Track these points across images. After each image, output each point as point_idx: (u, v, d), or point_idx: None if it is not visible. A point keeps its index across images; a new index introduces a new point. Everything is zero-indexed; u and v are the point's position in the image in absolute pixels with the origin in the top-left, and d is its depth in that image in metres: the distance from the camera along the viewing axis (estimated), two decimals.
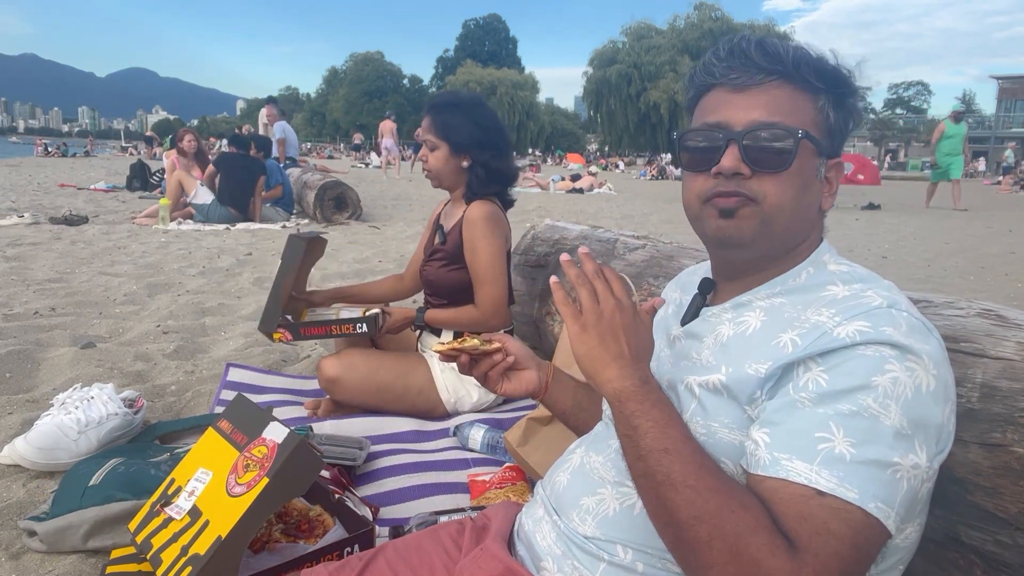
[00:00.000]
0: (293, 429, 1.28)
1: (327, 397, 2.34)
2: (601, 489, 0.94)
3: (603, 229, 2.80)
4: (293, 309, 2.34)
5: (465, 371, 1.06)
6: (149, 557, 1.26)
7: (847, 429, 0.72)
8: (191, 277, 4.61)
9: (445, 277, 2.33)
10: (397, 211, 9.52)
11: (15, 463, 1.87)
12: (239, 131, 12.58)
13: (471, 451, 2.11)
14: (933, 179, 12.86)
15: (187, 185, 7.44)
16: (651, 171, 27.45)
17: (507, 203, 2.37)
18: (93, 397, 1.98)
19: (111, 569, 1.36)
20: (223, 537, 1.18)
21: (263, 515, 1.23)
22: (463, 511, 1.59)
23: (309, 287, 2.45)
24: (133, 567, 1.36)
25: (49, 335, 3.04)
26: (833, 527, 0.70)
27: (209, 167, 7.59)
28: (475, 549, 1.02)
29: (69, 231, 6.49)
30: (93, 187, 11.29)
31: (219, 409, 2.30)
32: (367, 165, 26.17)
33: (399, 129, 17.25)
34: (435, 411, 2.33)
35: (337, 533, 1.42)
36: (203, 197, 7.36)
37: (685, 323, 0.98)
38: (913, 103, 66.95)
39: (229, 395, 2.33)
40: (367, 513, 1.53)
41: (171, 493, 1.35)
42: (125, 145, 45.31)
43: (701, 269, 1.09)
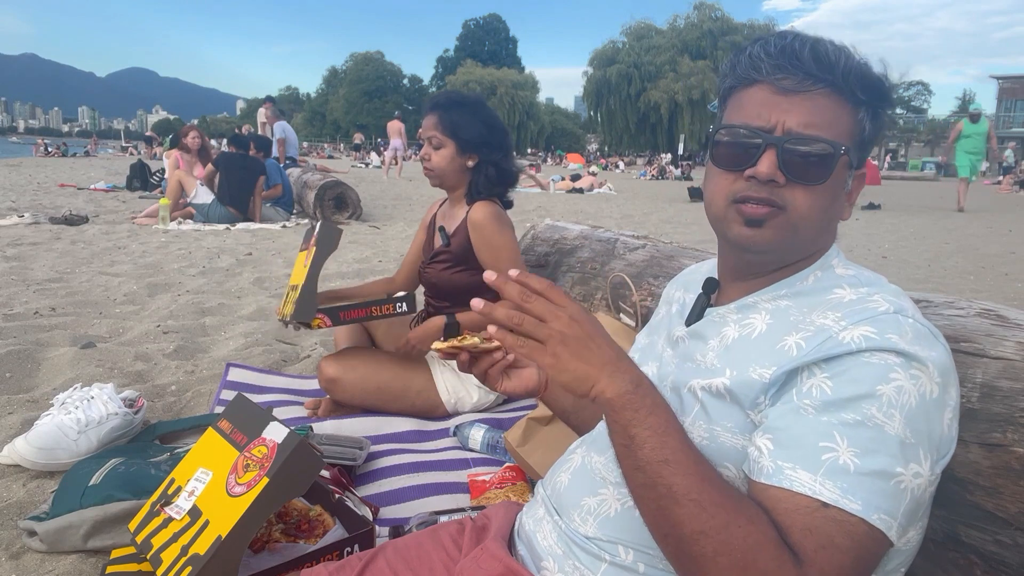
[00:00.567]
0: (293, 429, 1.28)
1: (327, 397, 2.33)
2: (602, 489, 0.94)
3: (603, 229, 2.80)
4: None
5: (465, 369, 1.06)
6: (149, 557, 1.26)
7: (851, 439, 0.72)
8: (191, 277, 4.61)
9: (450, 279, 2.31)
10: (397, 211, 9.52)
11: (15, 463, 1.87)
12: (239, 131, 12.57)
13: (471, 451, 2.11)
14: (963, 175, 11.97)
15: (187, 185, 7.44)
16: (651, 171, 27.45)
17: (506, 205, 2.35)
18: (93, 397, 1.98)
19: (111, 569, 1.36)
20: (223, 537, 1.18)
21: (263, 515, 1.23)
22: (463, 511, 1.59)
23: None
24: (133, 567, 1.35)
25: (49, 335, 3.04)
26: (838, 540, 0.69)
27: (208, 166, 7.58)
28: (475, 549, 1.02)
29: (69, 231, 6.49)
30: (93, 187, 11.29)
31: (219, 409, 2.30)
32: (367, 165, 26.21)
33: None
34: (435, 411, 2.33)
35: (337, 533, 1.42)
36: (203, 197, 7.36)
37: (690, 324, 0.97)
38: (913, 103, 66.90)
39: (229, 395, 2.33)
40: (367, 513, 1.53)
41: (171, 493, 1.35)
42: (125, 145, 45.28)
43: (704, 268, 1.08)
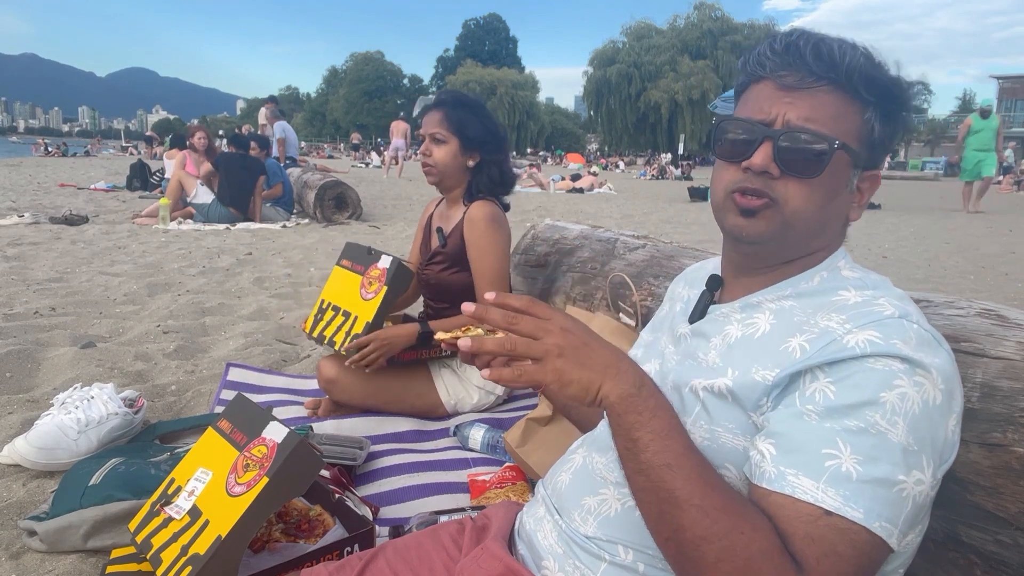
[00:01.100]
0: (293, 429, 1.28)
1: (327, 397, 2.33)
2: (603, 489, 0.94)
3: (603, 229, 2.80)
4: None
5: (468, 360, 1.06)
6: (149, 557, 1.26)
7: (854, 446, 0.72)
8: (191, 277, 4.60)
9: (448, 280, 2.31)
10: (397, 211, 9.52)
11: (15, 463, 1.87)
12: (239, 131, 12.56)
13: (471, 451, 2.11)
14: (964, 179, 11.66)
15: (187, 185, 7.44)
16: (651, 171, 27.45)
17: (504, 207, 2.35)
18: (93, 397, 1.98)
19: (111, 569, 1.36)
20: (223, 537, 1.18)
21: (263, 515, 1.23)
22: (463, 511, 1.60)
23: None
24: (133, 567, 1.36)
25: (49, 335, 3.04)
26: (840, 548, 0.69)
27: (206, 166, 7.57)
28: (475, 549, 1.02)
29: (69, 231, 6.49)
30: (93, 187, 11.29)
31: (219, 409, 2.30)
32: (367, 165, 26.23)
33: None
34: (435, 412, 2.33)
35: (337, 533, 1.42)
36: (203, 197, 7.35)
37: (693, 321, 0.97)
38: (913, 103, 66.84)
39: (229, 395, 2.33)
40: (367, 513, 1.53)
41: (171, 493, 1.35)
42: (125, 145, 45.26)
43: (709, 265, 1.08)
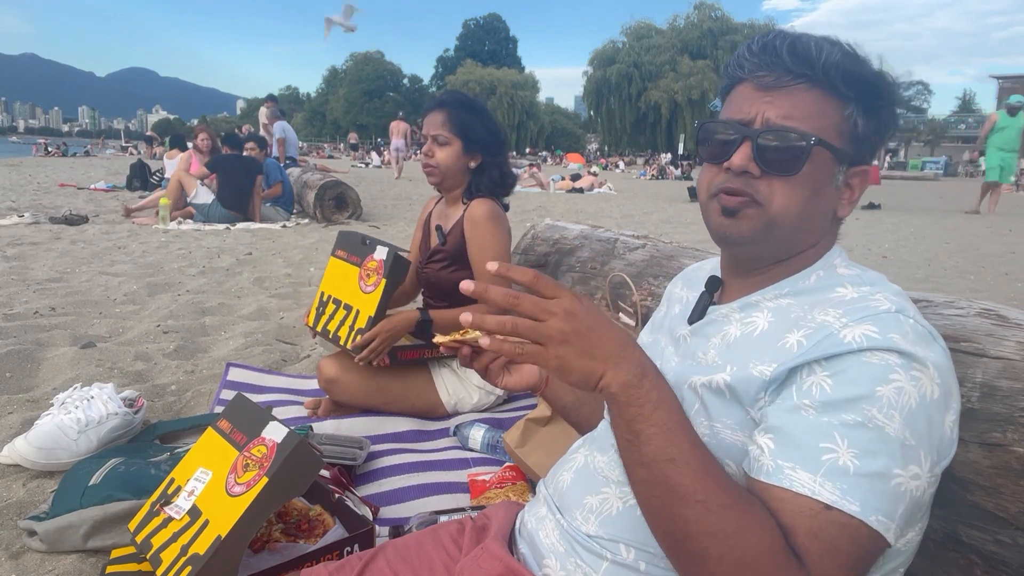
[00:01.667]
0: (293, 429, 1.28)
1: (327, 397, 2.33)
2: (605, 488, 0.94)
3: (603, 229, 2.80)
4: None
5: (466, 363, 1.06)
6: (149, 557, 1.26)
7: (851, 440, 0.72)
8: (191, 277, 4.60)
9: (448, 278, 2.31)
10: (397, 211, 9.52)
11: (15, 463, 1.87)
12: (239, 131, 12.55)
13: (471, 451, 2.11)
14: (989, 179, 11.17)
15: (187, 185, 7.44)
16: (651, 171, 27.46)
17: (504, 207, 2.36)
18: (93, 397, 1.98)
19: (111, 569, 1.36)
20: (223, 537, 1.18)
21: (263, 515, 1.23)
22: (463, 511, 1.59)
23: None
24: (133, 567, 1.35)
25: (49, 335, 3.04)
26: (841, 543, 0.70)
27: (201, 169, 7.56)
28: (475, 548, 1.02)
29: (69, 231, 6.49)
30: (93, 187, 11.28)
31: (219, 409, 2.30)
32: (367, 165, 26.26)
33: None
34: (435, 412, 2.33)
35: (337, 533, 1.42)
36: (203, 197, 7.35)
37: (692, 322, 0.97)
38: (913, 103, 66.95)
39: (229, 395, 2.33)
40: (367, 513, 1.53)
41: (171, 493, 1.35)
42: (125, 144, 45.25)
43: (707, 265, 1.08)
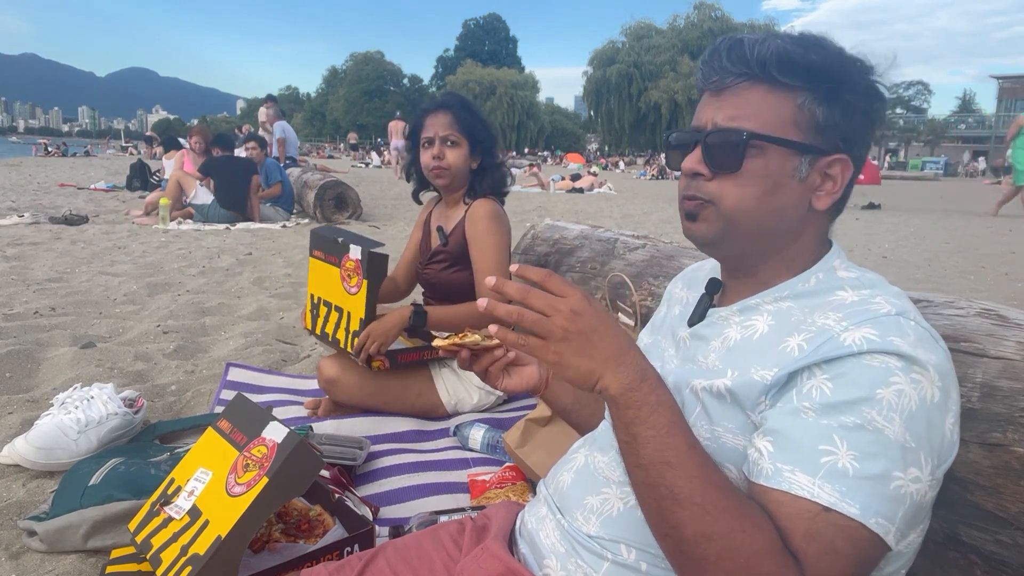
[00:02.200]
0: (293, 429, 1.28)
1: (327, 397, 2.34)
2: (605, 489, 0.94)
3: (603, 229, 2.80)
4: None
5: (465, 366, 1.05)
6: (149, 557, 1.26)
7: (851, 442, 0.71)
8: (191, 277, 4.61)
9: (449, 279, 2.32)
10: (397, 211, 9.53)
11: (15, 463, 1.87)
12: (239, 131, 12.54)
13: (471, 451, 2.11)
14: (1019, 181, 10.62)
15: (186, 185, 7.44)
16: (651, 171, 27.45)
17: (502, 203, 2.39)
18: (93, 397, 1.98)
19: (111, 569, 1.36)
20: (223, 537, 1.18)
21: (263, 515, 1.23)
22: (463, 511, 1.59)
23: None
24: (133, 567, 1.35)
25: (49, 335, 3.04)
26: (839, 545, 0.70)
27: (195, 172, 7.55)
28: (475, 549, 1.02)
29: (69, 231, 6.49)
30: (93, 187, 11.29)
31: (219, 409, 2.30)
32: (367, 165, 26.27)
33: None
34: (435, 412, 2.33)
35: (337, 533, 1.42)
36: (203, 198, 7.35)
37: (692, 324, 0.97)
38: (913, 103, 66.87)
39: (229, 395, 2.33)
40: (367, 513, 1.53)
41: (171, 493, 1.35)
42: (125, 144, 45.25)
43: (707, 266, 1.08)
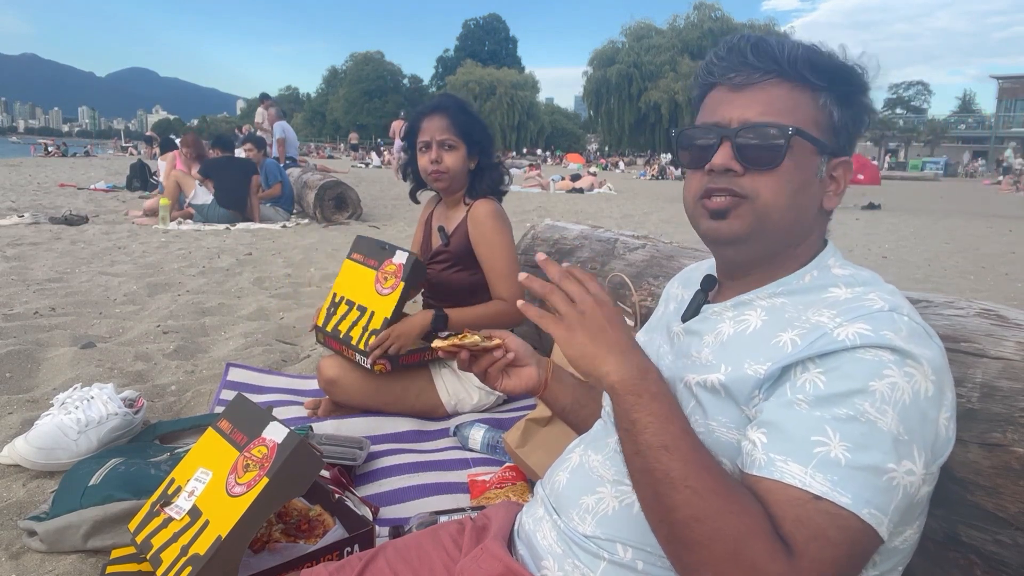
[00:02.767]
0: (293, 429, 1.28)
1: (327, 397, 2.33)
2: (600, 488, 0.94)
3: (603, 229, 2.80)
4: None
5: (465, 367, 1.05)
6: (149, 557, 1.26)
7: (843, 433, 0.72)
8: (191, 277, 4.61)
9: (451, 279, 2.33)
10: (397, 211, 9.52)
11: (15, 463, 1.87)
12: (239, 131, 12.55)
13: (471, 451, 2.11)
14: None
15: (185, 186, 7.43)
16: (651, 171, 27.45)
17: (501, 201, 2.39)
18: (93, 397, 1.98)
19: (111, 569, 1.36)
20: (223, 537, 1.18)
21: (263, 515, 1.23)
22: (463, 511, 1.59)
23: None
24: (133, 567, 1.36)
25: (49, 335, 3.04)
26: (829, 533, 0.70)
27: (194, 173, 7.54)
28: (475, 549, 1.02)
29: (69, 231, 6.49)
30: (93, 187, 11.29)
31: (219, 409, 2.30)
32: (367, 165, 26.26)
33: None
34: (435, 412, 2.33)
35: (337, 533, 1.42)
36: (202, 198, 7.35)
37: (686, 319, 0.98)
38: (913, 103, 66.87)
39: (229, 395, 2.33)
40: (367, 513, 1.53)
41: (171, 493, 1.35)
42: (125, 144, 45.21)
43: (704, 266, 1.09)
